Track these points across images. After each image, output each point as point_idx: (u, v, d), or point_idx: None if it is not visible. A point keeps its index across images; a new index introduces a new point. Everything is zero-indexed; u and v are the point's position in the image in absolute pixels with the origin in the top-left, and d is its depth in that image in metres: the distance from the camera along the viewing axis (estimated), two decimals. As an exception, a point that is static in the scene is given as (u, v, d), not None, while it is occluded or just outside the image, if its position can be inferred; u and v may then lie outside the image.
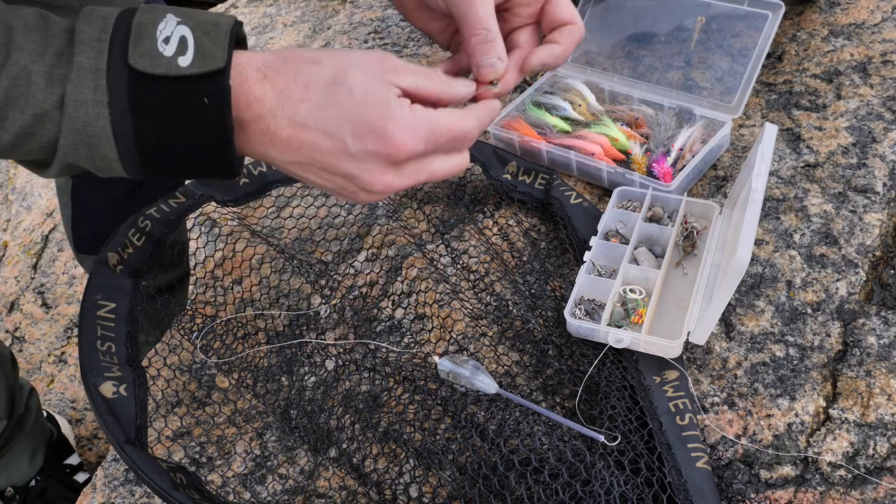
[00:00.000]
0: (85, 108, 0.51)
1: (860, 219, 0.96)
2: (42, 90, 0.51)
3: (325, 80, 0.54)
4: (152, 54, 0.51)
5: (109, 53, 0.51)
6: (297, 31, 2.31)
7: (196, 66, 0.51)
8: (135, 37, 0.52)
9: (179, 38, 0.52)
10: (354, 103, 0.54)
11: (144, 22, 0.52)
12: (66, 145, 0.52)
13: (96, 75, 0.51)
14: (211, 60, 0.52)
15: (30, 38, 0.52)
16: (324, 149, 0.55)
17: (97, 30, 0.52)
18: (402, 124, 0.54)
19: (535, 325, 0.92)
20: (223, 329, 0.98)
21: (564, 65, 1.22)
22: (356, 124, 0.54)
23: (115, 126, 0.51)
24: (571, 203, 1.02)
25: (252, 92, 0.53)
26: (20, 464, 1.36)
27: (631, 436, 0.77)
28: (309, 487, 0.83)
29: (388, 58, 0.57)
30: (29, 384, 1.36)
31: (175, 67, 0.51)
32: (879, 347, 0.84)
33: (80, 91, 0.51)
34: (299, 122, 0.54)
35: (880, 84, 1.13)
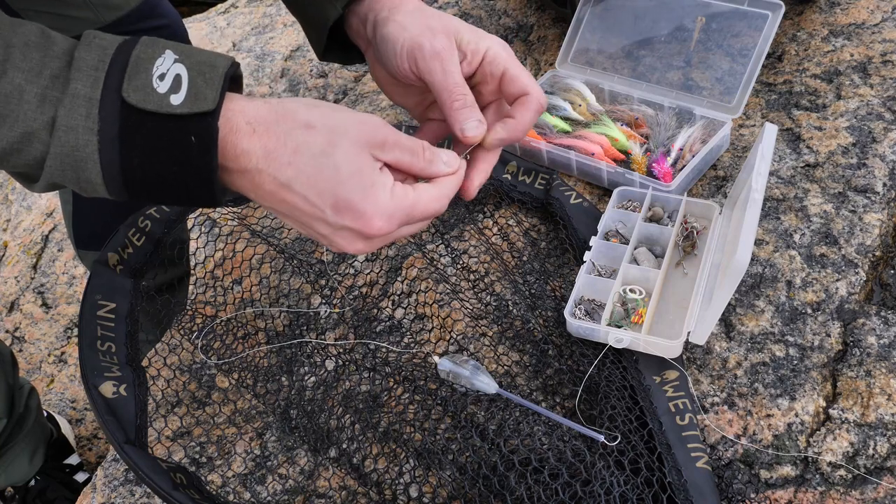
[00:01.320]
0: (75, 134, 0.52)
1: (860, 219, 0.96)
2: (33, 110, 0.52)
3: (314, 151, 0.56)
4: (146, 89, 0.53)
5: (105, 84, 0.53)
6: (297, 30, 2.31)
7: (187, 106, 0.53)
8: (131, 70, 0.53)
9: (175, 75, 0.53)
10: (339, 179, 0.56)
11: (143, 56, 0.54)
12: (52, 166, 0.53)
13: (89, 104, 0.52)
14: (202, 101, 0.53)
15: (27, 57, 0.53)
16: (304, 211, 0.57)
17: (96, 58, 0.53)
18: (381, 209, 0.57)
19: (535, 325, 0.92)
20: (223, 329, 0.98)
21: (564, 64, 1.22)
22: (337, 200, 0.56)
23: (103, 154, 0.53)
24: (571, 203, 1.02)
25: (240, 144, 0.55)
26: (20, 463, 1.36)
27: (631, 436, 0.77)
28: (309, 487, 0.83)
29: (379, 130, 0.58)
30: (29, 384, 1.36)
31: (167, 105, 0.53)
32: (879, 347, 0.84)
33: (72, 117, 0.52)
34: (284, 182, 0.56)
35: (880, 84, 1.13)
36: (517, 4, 1.51)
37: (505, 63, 0.71)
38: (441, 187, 0.62)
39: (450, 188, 0.63)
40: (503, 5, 1.53)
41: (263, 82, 2.19)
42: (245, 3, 2.58)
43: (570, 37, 1.23)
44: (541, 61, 1.37)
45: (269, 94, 2.16)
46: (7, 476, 1.35)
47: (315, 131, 0.56)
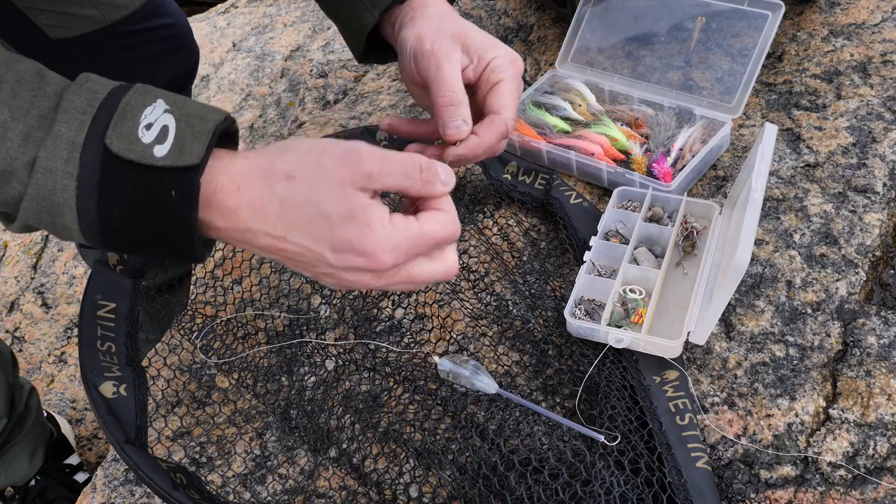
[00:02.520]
0: (53, 177, 0.51)
1: (860, 219, 0.96)
2: (15, 149, 0.51)
3: (299, 201, 0.54)
4: (130, 138, 0.51)
5: (89, 128, 0.51)
6: (296, 31, 2.31)
7: (170, 159, 0.51)
8: (118, 117, 0.52)
9: (162, 126, 0.52)
10: (331, 224, 0.54)
11: (133, 104, 0.52)
12: (28, 208, 0.52)
13: (72, 147, 0.51)
14: (187, 155, 0.51)
15: (17, 95, 0.51)
16: (305, 256, 0.55)
17: (84, 102, 0.52)
18: (383, 243, 0.54)
19: (535, 325, 0.92)
20: (223, 329, 0.98)
21: (564, 64, 1.22)
22: (335, 242, 0.54)
23: (80, 200, 0.51)
24: (571, 203, 1.02)
25: (225, 203, 0.53)
26: (20, 463, 1.36)
27: (631, 436, 0.77)
28: (309, 487, 0.83)
29: (361, 163, 0.55)
30: (29, 384, 1.36)
31: (149, 156, 0.51)
32: (879, 347, 0.84)
33: (53, 160, 0.51)
34: (279, 236, 0.54)
35: (880, 84, 1.13)
36: (517, 4, 1.51)
37: (501, 75, 0.72)
38: (446, 210, 0.58)
39: (454, 207, 0.60)
40: (503, 5, 1.53)
41: (263, 82, 2.20)
42: (245, 3, 2.58)
43: (570, 37, 1.23)
44: (541, 61, 1.37)
45: (269, 93, 2.16)
46: (7, 476, 1.35)
47: (295, 181, 0.54)
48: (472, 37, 0.73)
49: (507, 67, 0.73)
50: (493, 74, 0.73)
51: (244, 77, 2.23)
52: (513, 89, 0.73)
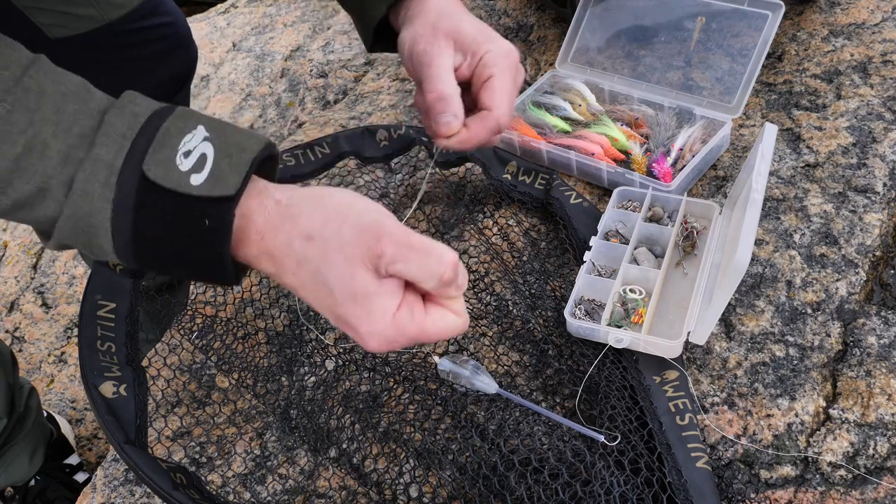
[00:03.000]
0: (90, 200, 0.51)
1: (860, 219, 0.96)
2: (53, 167, 0.51)
3: (312, 266, 0.54)
4: (168, 165, 0.51)
5: (128, 153, 0.51)
6: (297, 31, 2.31)
7: (206, 188, 0.51)
8: (157, 143, 0.52)
9: (200, 154, 0.52)
10: (334, 300, 0.54)
11: (172, 130, 0.52)
12: (63, 228, 0.52)
13: (109, 171, 0.51)
14: (223, 186, 0.51)
15: (60, 109, 0.51)
16: (315, 303, 0.56)
17: (125, 126, 0.52)
18: (378, 334, 0.54)
19: (535, 325, 0.92)
20: (223, 329, 0.98)
21: (564, 64, 1.22)
22: (337, 315, 0.55)
23: (115, 223, 0.52)
24: (571, 203, 1.02)
25: (250, 251, 0.54)
26: (20, 463, 1.36)
27: (631, 436, 0.77)
28: (309, 487, 0.83)
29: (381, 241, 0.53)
30: (29, 384, 1.36)
31: (185, 185, 0.51)
32: (879, 347, 0.84)
33: (90, 182, 0.51)
34: (293, 287, 0.56)
35: (880, 84, 1.13)
36: (517, 4, 1.51)
37: (493, 69, 0.72)
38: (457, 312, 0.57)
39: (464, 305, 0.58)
40: (503, 5, 1.53)
41: (263, 82, 2.20)
42: (245, 3, 2.58)
43: (570, 37, 1.23)
44: (541, 61, 1.37)
45: (269, 93, 2.16)
46: (7, 476, 1.35)
47: (312, 244, 0.54)
48: (466, 32, 0.73)
49: (499, 60, 0.73)
50: (485, 69, 0.73)
51: (244, 77, 2.23)
52: (505, 83, 0.73)
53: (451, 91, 0.71)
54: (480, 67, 0.73)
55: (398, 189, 1.14)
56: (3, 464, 1.32)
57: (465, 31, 0.73)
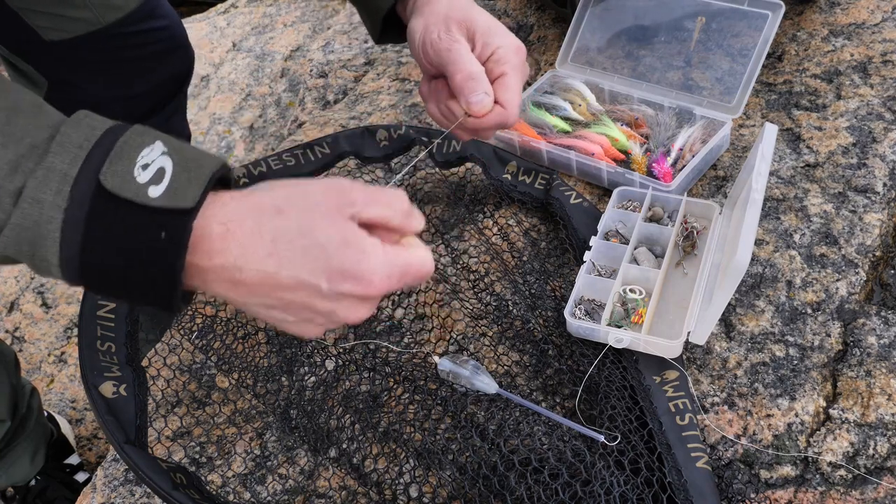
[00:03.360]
0: (40, 208, 0.49)
1: (860, 219, 0.96)
2: (2, 177, 0.49)
3: (291, 234, 0.53)
4: (125, 176, 0.50)
5: (84, 163, 0.50)
6: (297, 31, 2.31)
7: (164, 200, 0.50)
8: (115, 154, 0.50)
9: (158, 168, 0.51)
10: (328, 254, 0.53)
11: (130, 143, 0.51)
12: (9, 237, 0.50)
13: (63, 180, 0.50)
14: (181, 199, 0.50)
15: (11, 122, 0.50)
16: (298, 294, 0.54)
17: (82, 137, 0.51)
18: (380, 269, 0.54)
19: (535, 325, 0.92)
20: (223, 329, 0.98)
21: (564, 64, 1.22)
22: (331, 272, 0.53)
23: (65, 234, 0.50)
24: (571, 203, 1.02)
25: (213, 247, 0.52)
26: (22, 464, 1.36)
27: (631, 436, 0.77)
28: (309, 487, 0.83)
29: (346, 192, 0.55)
30: (30, 384, 1.36)
31: (143, 196, 0.50)
32: (879, 347, 0.84)
33: (42, 190, 0.49)
34: (270, 272, 0.53)
35: (880, 84, 1.13)
36: (517, 4, 1.51)
37: (506, 67, 0.74)
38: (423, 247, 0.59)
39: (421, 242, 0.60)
40: (503, 5, 1.53)
41: (263, 82, 2.20)
42: (245, 3, 2.58)
43: (570, 37, 1.23)
44: (541, 61, 1.37)
45: (269, 93, 2.16)
46: (8, 476, 1.35)
47: (286, 215, 0.53)
48: (478, 23, 0.75)
49: (511, 57, 0.74)
50: (497, 65, 0.74)
51: (244, 77, 2.23)
52: (518, 81, 0.75)
53: (480, 69, 0.72)
54: (493, 62, 0.74)
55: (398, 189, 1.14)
56: (5, 465, 1.32)
57: (477, 21, 0.75)
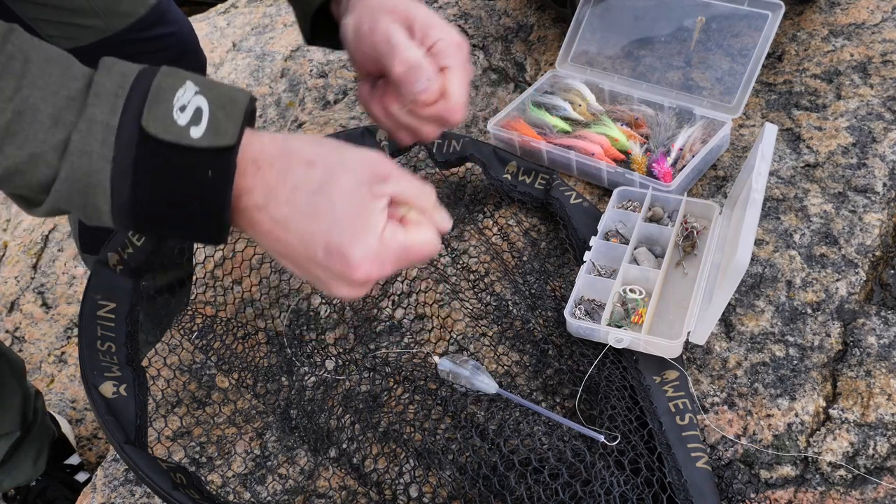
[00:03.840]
0: (89, 159, 0.51)
1: (860, 219, 0.96)
2: (44, 131, 0.51)
3: (312, 188, 0.54)
4: (166, 120, 0.51)
5: (124, 111, 0.51)
6: (297, 30, 2.31)
7: (207, 140, 0.52)
8: (152, 99, 0.52)
9: (196, 108, 0.52)
10: (333, 219, 0.54)
11: (164, 86, 0.52)
12: (61, 190, 0.52)
13: (107, 130, 0.51)
14: (223, 136, 0.52)
15: (45, 73, 0.51)
16: (298, 252, 0.56)
17: (116, 84, 0.52)
18: (370, 254, 0.55)
19: (535, 325, 0.92)
20: (223, 329, 0.98)
21: (564, 64, 1.22)
22: (329, 243, 0.54)
23: (115, 182, 0.51)
24: (571, 203, 1.02)
25: (245, 184, 0.54)
26: (25, 466, 1.36)
27: (631, 436, 0.77)
28: (309, 487, 0.83)
29: (382, 163, 0.57)
30: (34, 387, 1.36)
31: (186, 138, 0.51)
32: (879, 347, 0.84)
33: (88, 142, 0.51)
34: (280, 221, 0.55)
35: (880, 84, 1.13)
36: (517, 4, 1.51)
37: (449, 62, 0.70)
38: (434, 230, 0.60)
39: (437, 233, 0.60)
40: (503, 5, 1.53)
41: (263, 82, 2.20)
42: (245, 3, 2.58)
43: (570, 37, 1.23)
44: (541, 61, 1.37)
45: (269, 93, 2.16)
46: (12, 479, 1.36)
47: (315, 168, 0.55)
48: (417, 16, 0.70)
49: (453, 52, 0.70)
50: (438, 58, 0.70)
51: (244, 77, 2.23)
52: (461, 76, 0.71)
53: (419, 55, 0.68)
54: (433, 55, 0.70)
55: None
56: (10, 468, 1.32)
57: (413, 13, 0.70)
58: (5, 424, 1.26)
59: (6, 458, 1.29)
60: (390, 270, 0.57)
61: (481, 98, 1.36)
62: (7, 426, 1.26)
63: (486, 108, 1.33)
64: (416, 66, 0.67)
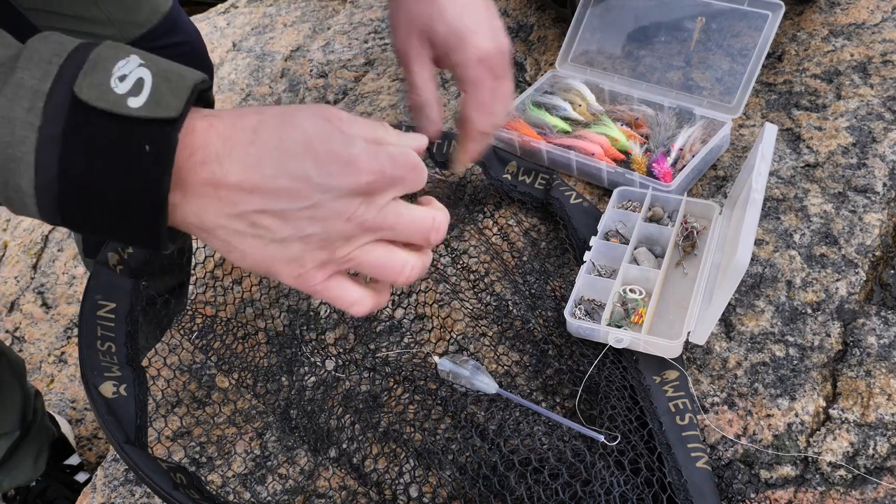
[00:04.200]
0: (11, 126, 0.45)
1: (860, 219, 0.96)
2: None
3: (273, 125, 0.49)
4: (102, 87, 0.46)
5: (56, 77, 0.46)
6: (297, 31, 2.31)
7: (146, 110, 0.46)
8: (89, 67, 0.47)
9: (137, 79, 0.47)
10: (309, 138, 0.48)
11: (104, 55, 0.47)
12: None
13: (35, 96, 0.46)
14: (164, 108, 0.46)
15: None
16: (281, 189, 0.48)
17: (51, 52, 0.47)
18: (365, 150, 0.49)
19: (535, 325, 0.92)
20: (223, 329, 0.98)
21: (564, 64, 1.22)
22: (317, 155, 0.48)
23: (40, 155, 0.45)
24: (571, 203, 1.02)
25: (195, 142, 0.48)
26: (25, 466, 1.36)
27: (631, 436, 0.77)
28: (309, 487, 0.83)
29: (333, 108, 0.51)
30: (34, 388, 1.36)
31: (123, 106, 0.46)
32: (879, 347, 0.84)
33: (12, 108, 0.45)
34: (252, 163, 0.48)
35: (880, 84, 1.13)
36: (517, 4, 1.51)
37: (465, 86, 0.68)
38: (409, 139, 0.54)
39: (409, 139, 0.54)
40: (503, 5, 1.53)
41: (263, 82, 2.19)
42: (245, 3, 2.58)
43: (570, 37, 1.23)
44: (541, 61, 1.37)
45: (269, 94, 2.16)
46: (12, 479, 1.36)
47: (266, 113, 0.49)
48: (437, 33, 0.67)
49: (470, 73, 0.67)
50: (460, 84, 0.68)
51: (244, 77, 2.23)
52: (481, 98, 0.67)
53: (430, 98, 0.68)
54: (457, 80, 0.69)
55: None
56: (9, 468, 1.32)
57: (436, 30, 0.67)
58: (5, 424, 1.26)
59: (6, 457, 1.29)
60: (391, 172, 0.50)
61: (481, 98, 1.36)
62: (7, 426, 1.26)
63: (486, 108, 1.33)
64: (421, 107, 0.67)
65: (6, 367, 1.25)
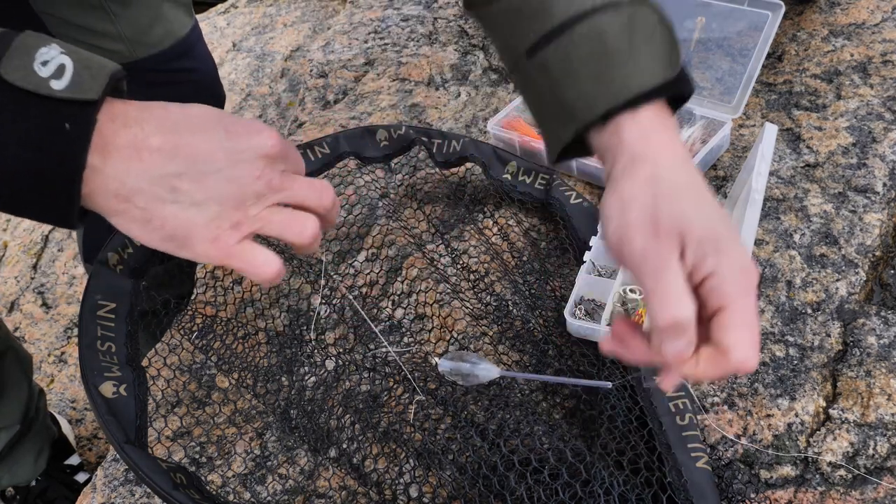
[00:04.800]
0: None
1: (860, 219, 0.96)
2: None
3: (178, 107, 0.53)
4: (25, 70, 0.49)
5: None
6: (297, 30, 2.31)
7: (68, 92, 0.49)
8: (12, 52, 0.49)
9: (59, 64, 0.50)
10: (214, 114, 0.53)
11: (27, 42, 0.50)
12: None
13: None
14: (85, 91, 0.49)
15: None
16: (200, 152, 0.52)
17: None
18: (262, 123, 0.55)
19: (535, 325, 0.92)
20: (223, 329, 0.98)
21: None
22: (226, 125, 0.53)
23: None
24: (571, 203, 1.02)
25: (115, 110, 0.51)
26: (25, 464, 1.36)
27: (631, 436, 0.77)
28: (309, 487, 0.83)
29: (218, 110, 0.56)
30: (38, 385, 1.36)
31: (45, 87, 0.48)
32: (879, 347, 0.84)
33: None
34: (170, 127, 0.52)
35: (880, 84, 1.13)
36: (517, 4, 1.51)
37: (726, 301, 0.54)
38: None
39: None
40: (503, 5, 1.53)
41: (263, 82, 2.20)
42: (245, 3, 2.58)
43: (570, 37, 1.22)
44: (541, 61, 1.37)
45: (269, 93, 2.16)
46: (12, 476, 1.36)
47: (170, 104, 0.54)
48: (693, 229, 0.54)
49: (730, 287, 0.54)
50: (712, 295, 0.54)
51: (244, 77, 2.23)
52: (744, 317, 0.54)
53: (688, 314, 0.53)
54: (707, 290, 0.55)
55: (398, 189, 1.15)
56: (9, 464, 1.33)
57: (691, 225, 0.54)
58: (7, 417, 1.26)
59: (5, 451, 1.29)
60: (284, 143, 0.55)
61: (481, 98, 1.36)
62: (8, 419, 1.26)
63: (485, 108, 1.33)
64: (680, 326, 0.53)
65: (15, 361, 1.25)
